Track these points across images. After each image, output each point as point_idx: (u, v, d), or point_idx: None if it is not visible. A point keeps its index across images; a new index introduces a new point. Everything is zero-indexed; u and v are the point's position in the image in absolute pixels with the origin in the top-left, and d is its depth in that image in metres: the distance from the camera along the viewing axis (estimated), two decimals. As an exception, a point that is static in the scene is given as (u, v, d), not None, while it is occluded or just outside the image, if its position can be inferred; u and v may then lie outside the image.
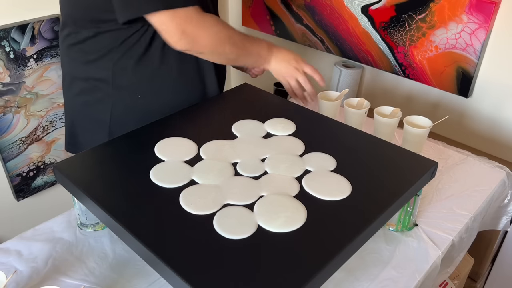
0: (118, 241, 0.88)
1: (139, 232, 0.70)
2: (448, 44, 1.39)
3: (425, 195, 1.03)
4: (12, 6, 1.42)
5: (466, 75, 1.40)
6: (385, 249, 0.89)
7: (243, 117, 1.03)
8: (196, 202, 0.77)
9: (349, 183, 0.82)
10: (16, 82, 1.50)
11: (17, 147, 1.58)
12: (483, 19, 1.29)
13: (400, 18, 1.47)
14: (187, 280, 0.62)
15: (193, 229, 0.72)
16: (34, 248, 0.87)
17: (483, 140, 1.49)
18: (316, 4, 1.67)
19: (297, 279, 0.63)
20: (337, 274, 0.76)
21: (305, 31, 1.77)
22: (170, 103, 1.06)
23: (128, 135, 0.95)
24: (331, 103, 1.20)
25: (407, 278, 0.83)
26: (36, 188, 1.70)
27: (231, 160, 0.88)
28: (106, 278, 0.81)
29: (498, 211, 1.17)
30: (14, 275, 0.81)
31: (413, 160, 0.90)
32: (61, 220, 0.94)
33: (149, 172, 0.83)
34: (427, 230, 0.94)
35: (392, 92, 1.67)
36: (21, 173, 1.63)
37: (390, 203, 0.78)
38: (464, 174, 1.12)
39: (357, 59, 1.66)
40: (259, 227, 0.72)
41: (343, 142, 0.95)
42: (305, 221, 0.73)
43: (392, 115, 1.16)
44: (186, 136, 0.95)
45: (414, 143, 1.12)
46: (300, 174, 0.85)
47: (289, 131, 0.98)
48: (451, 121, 1.52)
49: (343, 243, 0.69)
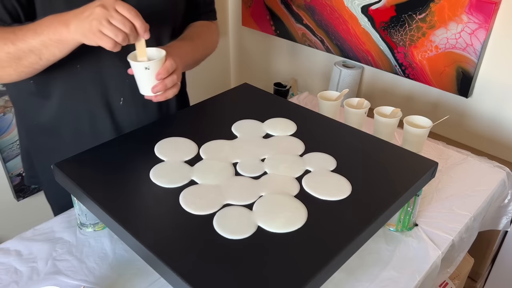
0: (118, 241, 0.88)
1: (139, 232, 0.70)
2: (448, 44, 1.39)
3: (425, 195, 1.03)
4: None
5: (466, 75, 1.40)
6: (385, 249, 0.89)
7: (243, 117, 1.03)
8: (196, 202, 0.76)
9: (349, 183, 0.82)
10: (16, 82, 1.50)
11: (17, 147, 1.58)
12: (483, 19, 1.29)
13: (400, 18, 1.47)
14: (187, 280, 0.62)
15: (193, 229, 0.72)
16: (34, 248, 0.87)
17: (483, 140, 1.49)
18: (316, 4, 1.67)
19: (297, 279, 0.63)
20: (337, 274, 0.76)
21: (305, 31, 1.77)
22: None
23: (128, 135, 0.95)
24: (331, 103, 1.20)
25: (407, 278, 0.83)
26: (36, 188, 1.70)
27: (231, 160, 0.88)
28: (106, 278, 0.81)
29: (498, 211, 1.17)
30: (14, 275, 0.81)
31: (413, 160, 0.90)
32: (61, 220, 0.94)
33: (149, 172, 0.83)
34: (427, 230, 0.94)
35: (392, 92, 1.67)
36: (21, 173, 1.63)
37: (390, 203, 0.78)
38: (464, 174, 1.12)
39: (357, 59, 1.66)
40: (259, 227, 0.72)
41: (343, 142, 0.95)
42: (305, 221, 0.73)
43: (392, 115, 1.16)
44: (186, 136, 0.95)
45: (414, 143, 1.12)
46: (300, 174, 0.85)
47: (289, 131, 0.98)
48: (451, 121, 1.52)
49: (343, 243, 0.69)
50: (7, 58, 0.80)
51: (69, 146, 0.99)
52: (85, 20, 0.75)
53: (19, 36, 0.79)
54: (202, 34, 1.07)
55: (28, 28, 0.79)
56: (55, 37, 0.78)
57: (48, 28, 0.78)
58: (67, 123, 0.99)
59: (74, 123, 0.99)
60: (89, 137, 1.00)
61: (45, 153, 1.05)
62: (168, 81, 0.86)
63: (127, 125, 1.02)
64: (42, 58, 0.81)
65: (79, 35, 0.77)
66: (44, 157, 1.05)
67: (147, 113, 1.04)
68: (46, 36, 0.78)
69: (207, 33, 1.10)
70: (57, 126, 1.00)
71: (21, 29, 0.80)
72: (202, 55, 1.07)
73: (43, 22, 0.79)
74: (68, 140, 1.01)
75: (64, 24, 0.77)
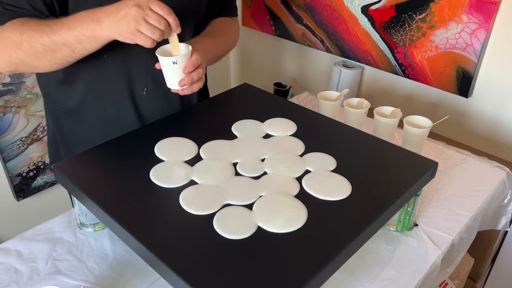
0: (118, 241, 0.88)
1: (139, 233, 0.70)
2: (448, 44, 1.39)
3: (425, 195, 1.03)
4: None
5: (466, 75, 1.40)
6: (385, 249, 0.89)
7: (243, 117, 1.03)
8: (196, 202, 0.77)
9: (349, 183, 0.82)
10: (16, 82, 1.50)
11: (17, 147, 1.58)
12: (483, 19, 1.29)
13: (400, 18, 1.47)
14: (187, 280, 0.62)
15: (193, 229, 0.72)
16: (34, 248, 0.87)
17: (483, 140, 1.49)
18: (316, 4, 1.67)
19: (297, 279, 0.63)
20: (337, 274, 0.76)
21: (305, 31, 1.77)
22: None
23: (128, 135, 0.95)
24: (331, 103, 1.20)
25: (407, 278, 0.83)
26: (36, 188, 1.70)
27: (231, 160, 0.88)
28: (106, 278, 0.81)
29: (497, 211, 1.17)
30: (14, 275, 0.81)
31: (413, 160, 0.90)
32: (61, 220, 0.94)
33: (149, 172, 0.83)
34: (427, 230, 0.94)
35: (392, 92, 1.67)
36: (21, 173, 1.63)
37: (390, 203, 0.78)
38: (464, 174, 1.12)
39: (357, 59, 1.66)
40: (259, 227, 0.72)
41: (343, 142, 0.95)
42: (305, 221, 0.73)
43: (392, 115, 1.16)
44: (186, 136, 0.95)
45: (414, 143, 1.12)
46: (300, 174, 0.85)
47: (289, 131, 0.98)
48: (451, 121, 1.52)
49: (343, 243, 0.69)
50: (42, 49, 0.83)
51: (96, 134, 1.01)
52: (121, 20, 0.78)
53: (54, 30, 0.82)
54: (224, 30, 1.11)
55: (62, 23, 0.82)
56: (88, 33, 0.81)
57: (82, 24, 0.81)
58: (94, 111, 1.02)
59: (101, 112, 1.02)
60: (114, 126, 1.02)
61: (72, 140, 1.07)
62: (194, 75, 0.89)
63: (150, 116, 1.04)
64: (75, 52, 0.84)
65: (115, 34, 0.80)
66: (71, 144, 1.07)
67: (170, 104, 1.06)
68: (79, 31, 0.81)
69: (229, 30, 1.14)
70: (84, 113, 1.02)
71: (56, 23, 0.82)
72: (224, 50, 1.11)
73: (76, 18, 0.82)
74: (95, 128, 1.03)
75: (97, 21, 0.80)
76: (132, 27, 0.78)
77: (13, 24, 0.83)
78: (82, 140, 1.03)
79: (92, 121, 1.03)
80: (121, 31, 0.79)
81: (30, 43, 0.83)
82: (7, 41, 0.83)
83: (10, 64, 0.87)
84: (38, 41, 0.83)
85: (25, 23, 0.83)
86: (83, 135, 1.05)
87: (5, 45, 0.84)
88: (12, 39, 0.83)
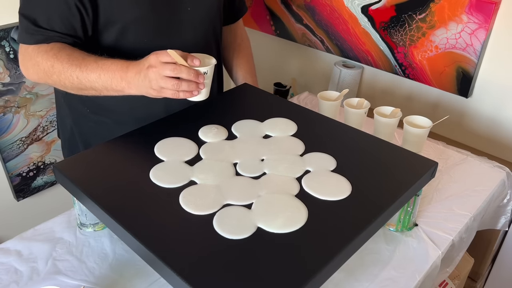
0: (118, 241, 0.88)
1: (139, 232, 0.70)
2: (448, 44, 1.39)
3: (425, 195, 1.04)
4: (12, 6, 1.42)
5: (466, 75, 1.40)
6: (385, 249, 0.89)
7: (243, 117, 1.03)
8: (196, 202, 0.77)
9: (349, 183, 0.82)
10: (16, 82, 1.50)
11: (17, 147, 1.58)
12: (483, 19, 1.30)
13: (400, 18, 1.47)
14: (187, 280, 0.62)
15: (193, 229, 0.72)
16: (34, 248, 0.87)
17: (483, 140, 1.49)
18: (316, 4, 1.67)
19: (297, 279, 0.63)
20: (337, 274, 0.76)
21: (305, 31, 1.77)
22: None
23: (128, 135, 0.95)
24: (331, 103, 1.20)
25: (407, 278, 0.83)
26: (36, 188, 1.70)
27: (231, 160, 0.88)
28: (106, 278, 0.81)
29: (497, 210, 1.17)
30: (14, 275, 0.81)
31: (413, 160, 0.90)
32: (61, 220, 0.94)
33: (149, 172, 0.83)
34: (427, 230, 0.94)
35: (392, 92, 1.67)
36: (21, 173, 1.63)
37: (390, 203, 0.78)
38: (464, 174, 1.12)
39: (357, 59, 1.66)
40: (259, 227, 0.72)
41: (343, 142, 0.95)
42: (305, 221, 0.73)
43: (392, 115, 1.16)
44: (186, 136, 0.95)
45: (414, 143, 1.12)
46: (300, 174, 0.85)
47: (289, 131, 0.98)
48: (451, 121, 1.52)
49: (343, 243, 0.69)
50: (70, 86, 0.91)
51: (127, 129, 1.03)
52: (144, 81, 0.84)
53: (84, 73, 0.88)
54: (247, 48, 1.28)
55: (92, 69, 0.87)
56: (117, 89, 0.88)
57: (111, 80, 0.87)
58: (125, 107, 1.05)
59: (132, 107, 1.05)
60: (144, 122, 1.03)
61: (94, 141, 1.09)
62: None
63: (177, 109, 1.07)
64: (101, 94, 0.91)
65: (143, 93, 0.87)
66: (93, 144, 1.08)
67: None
68: (108, 84, 0.88)
69: (247, 41, 1.29)
70: (117, 114, 1.06)
71: (87, 66, 0.88)
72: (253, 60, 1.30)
73: (107, 69, 0.87)
74: (124, 122, 1.05)
75: (126, 81, 0.86)
76: (155, 87, 0.84)
77: (46, 53, 0.89)
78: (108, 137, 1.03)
79: (122, 117, 1.06)
80: (147, 92, 0.86)
81: (60, 77, 0.89)
82: (38, 67, 0.90)
83: (38, 80, 0.94)
84: (67, 79, 0.89)
85: (57, 55, 0.88)
86: (107, 134, 1.04)
87: (35, 69, 0.91)
88: (43, 67, 0.89)
